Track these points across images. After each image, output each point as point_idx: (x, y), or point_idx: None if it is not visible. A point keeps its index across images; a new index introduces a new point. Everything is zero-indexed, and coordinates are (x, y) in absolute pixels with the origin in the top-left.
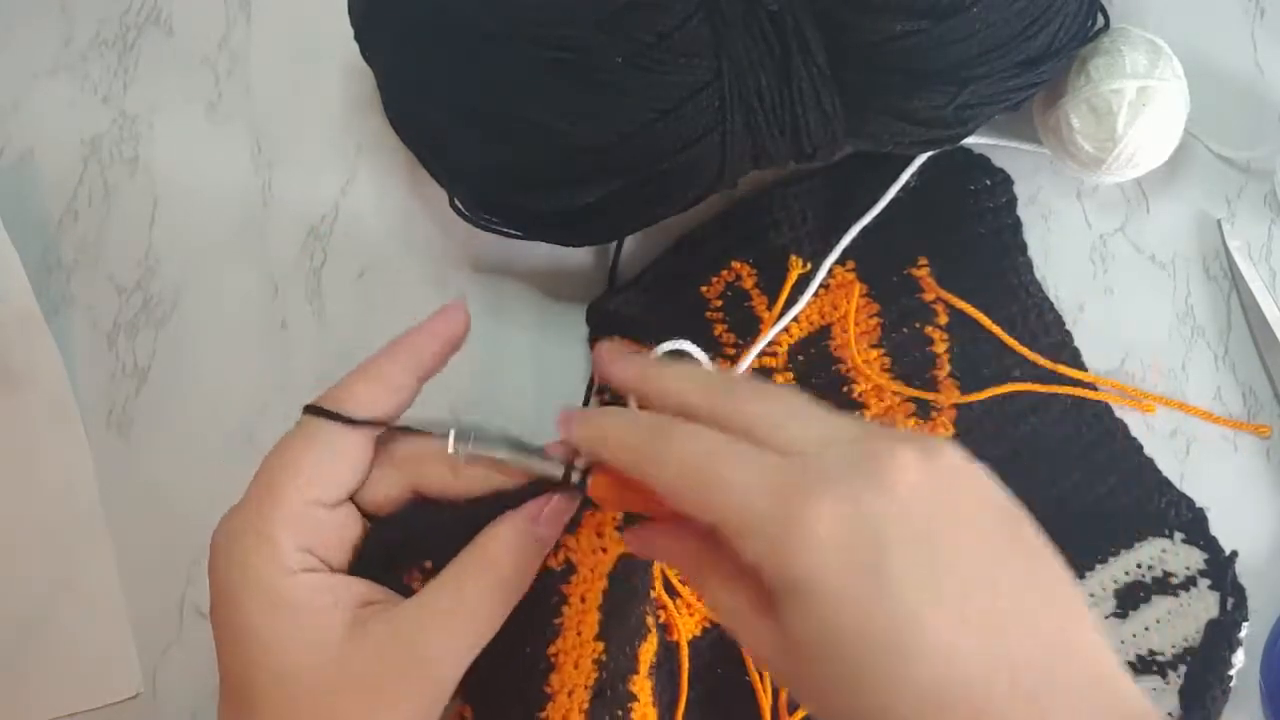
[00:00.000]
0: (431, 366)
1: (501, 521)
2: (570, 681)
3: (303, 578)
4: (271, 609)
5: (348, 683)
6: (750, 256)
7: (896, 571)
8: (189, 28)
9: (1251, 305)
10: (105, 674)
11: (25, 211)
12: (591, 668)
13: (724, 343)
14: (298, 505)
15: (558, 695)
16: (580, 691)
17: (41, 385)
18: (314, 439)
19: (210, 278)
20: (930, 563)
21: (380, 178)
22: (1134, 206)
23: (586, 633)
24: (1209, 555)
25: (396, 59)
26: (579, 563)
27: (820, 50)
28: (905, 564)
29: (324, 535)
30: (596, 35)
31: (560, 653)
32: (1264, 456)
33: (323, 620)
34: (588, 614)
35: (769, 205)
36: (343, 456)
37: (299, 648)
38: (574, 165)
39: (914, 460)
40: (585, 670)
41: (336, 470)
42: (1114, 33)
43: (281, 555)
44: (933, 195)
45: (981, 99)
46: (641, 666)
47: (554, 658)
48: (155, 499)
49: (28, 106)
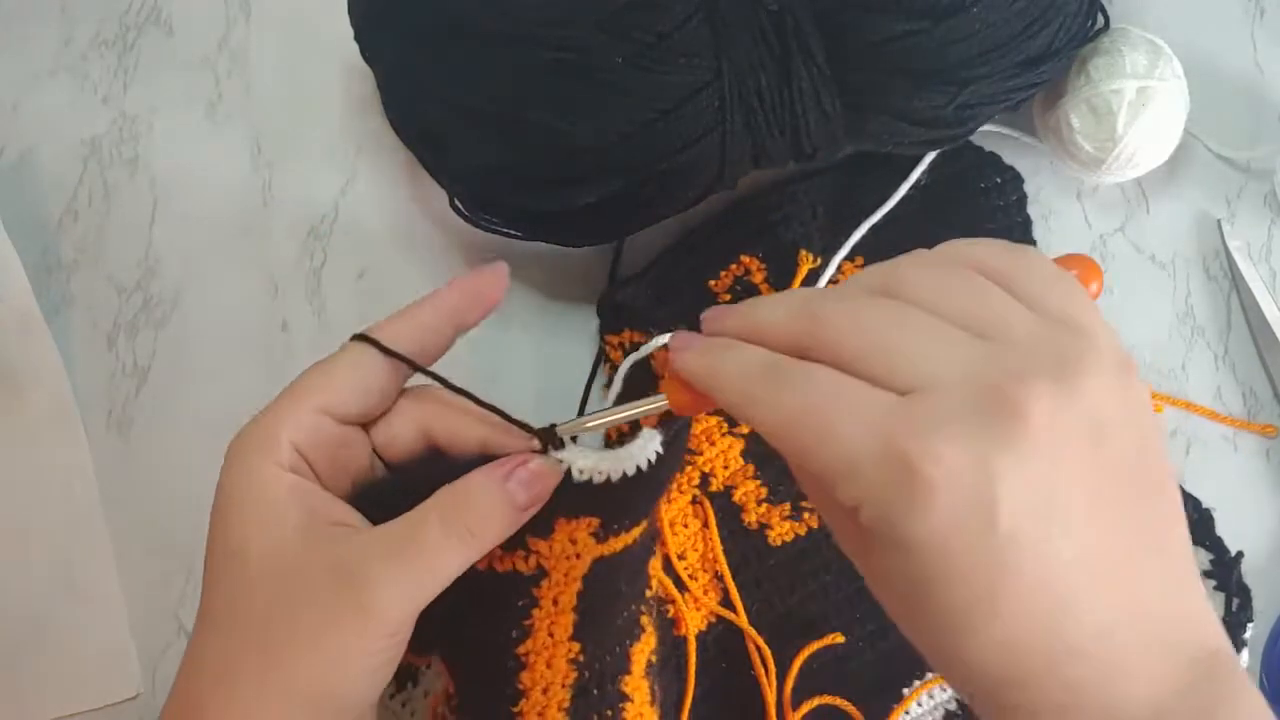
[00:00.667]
0: (468, 321)
1: (477, 472)
2: (543, 679)
3: (286, 476)
4: (248, 496)
5: (287, 590)
6: (760, 251)
7: (1006, 526)
8: (189, 28)
9: (1251, 305)
10: (105, 674)
11: (25, 211)
12: (568, 668)
13: None
14: (305, 408)
15: (531, 692)
16: (557, 690)
17: (41, 385)
18: (340, 358)
19: (210, 278)
20: (1046, 518)
21: (380, 178)
22: (1134, 206)
23: (560, 634)
24: (1214, 555)
25: (396, 59)
26: (551, 568)
27: (820, 50)
28: (1018, 519)
29: (322, 443)
30: (596, 35)
31: (530, 653)
32: (1264, 457)
33: (288, 519)
34: (560, 615)
35: (779, 200)
36: (364, 377)
37: (257, 535)
38: (574, 165)
39: (1048, 406)
40: (560, 669)
41: (353, 387)
42: (1114, 33)
43: (274, 448)
44: (943, 192)
45: (982, 99)
46: (635, 667)
47: (524, 657)
48: (155, 499)
49: (28, 106)
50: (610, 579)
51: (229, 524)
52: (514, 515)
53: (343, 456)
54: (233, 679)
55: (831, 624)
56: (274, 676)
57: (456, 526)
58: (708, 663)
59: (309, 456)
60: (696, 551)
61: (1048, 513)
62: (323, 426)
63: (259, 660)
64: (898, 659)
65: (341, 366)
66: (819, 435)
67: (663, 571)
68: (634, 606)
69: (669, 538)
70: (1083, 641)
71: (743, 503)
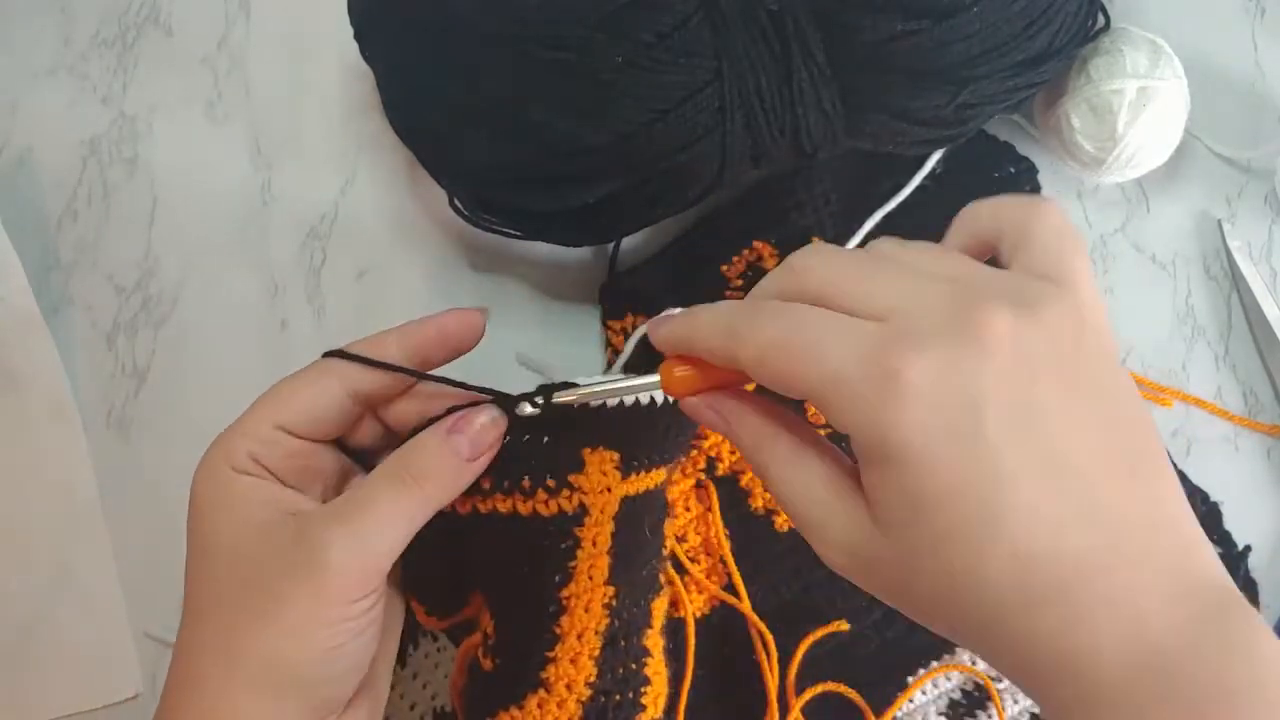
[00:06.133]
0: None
1: (425, 432)
2: (580, 624)
3: (244, 478)
4: (212, 498)
5: (247, 575)
6: (772, 237)
7: (992, 434)
8: (188, 28)
9: (1252, 305)
10: (105, 674)
11: (25, 211)
12: (602, 613)
13: None
14: (265, 424)
15: (567, 637)
16: (590, 636)
17: (41, 385)
18: (304, 378)
19: (210, 278)
20: (1026, 425)
21: (380, 178)
22: (1134, 206)
23: (598, 577)
24: (1222, 550)
25: (396, 59)
26: (590, 504)
27: (820, 50)
28: (1001, 426)
29: (281, 456)
30: (596, 35)
31: (572, 596)
32: (1264, 457)
33: (247, 511)
34: (599, 558)
35: (793, 186)
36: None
37: (222, 530)
38: (574, 165)
39: (1009, 319)
40: (596, 614)
41: (310, 408)
42: (1114, 33)
43: (232, 456)
44: (956, 181)
45: (982, 99)
46: (655, 621)
47: (566, 601)
48: (155, 499)
49: (27, 106)
50: (637, 521)
51: (198, 527)
52: (460, 465)
53: (310, 466)
54: (201, 673)
55: (837, 610)
56: (237, 662)
57: (402, 479)
58: (709, 647)
59: (269, 466)
60: (699, 535)
61: (1028, 421)
62: (280, 441)
63: (223, 647)
64: (903, 647)
65: (303, 387)
66: (806, 356)
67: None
68: (654, 561)
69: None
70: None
71: (750, 488)
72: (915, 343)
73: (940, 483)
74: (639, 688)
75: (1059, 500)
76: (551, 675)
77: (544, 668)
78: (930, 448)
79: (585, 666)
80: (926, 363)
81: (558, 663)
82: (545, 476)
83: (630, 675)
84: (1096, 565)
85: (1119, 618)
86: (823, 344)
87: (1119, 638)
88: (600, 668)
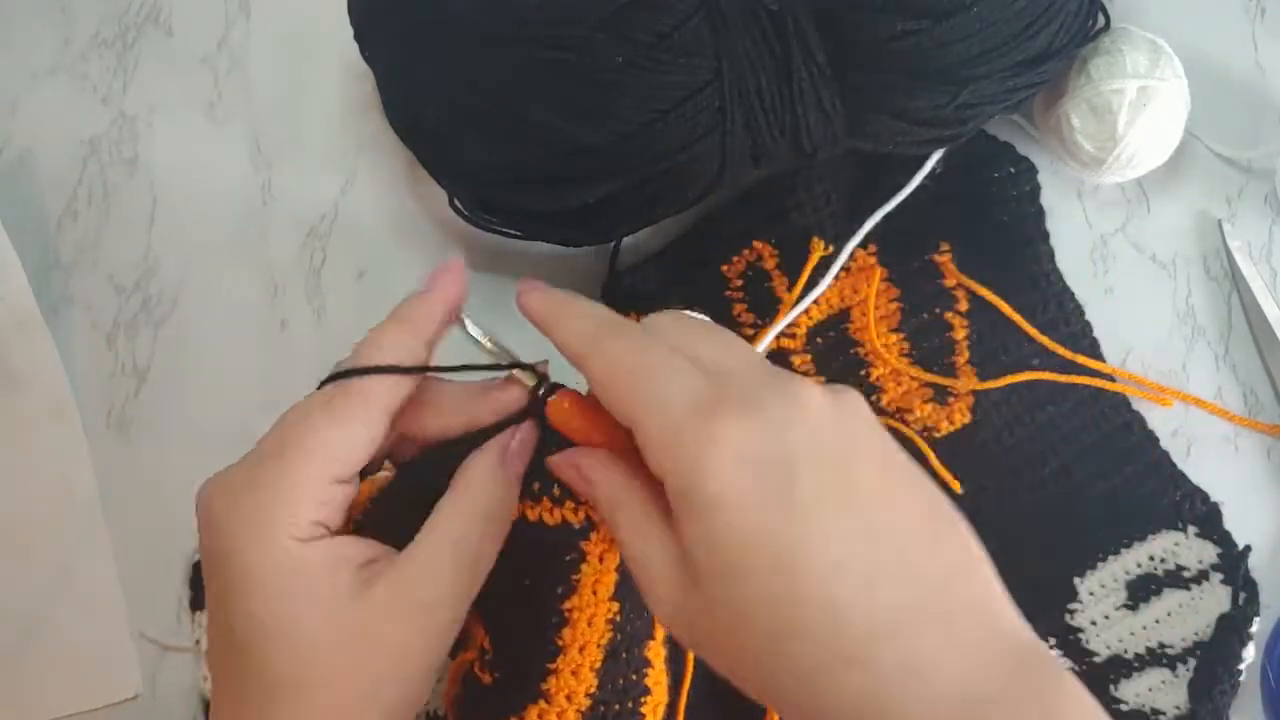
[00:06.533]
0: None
1: (475, 456)
2: (582, 637)
3: (314, 544)
4: (280, 568)
5: (360, 639)
6: (772, 237)
7: (803, 492)
8: (188, 28)
9: (1252, 305)
10: (105, 674)
11: (25, 211)
12: (605, 627)
13: (743, 322)
14: (321, 482)
15: (569, 649)
16: (593, 649)
17: (41, 385)
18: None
19: (210, 278)
20: (836, 486)
21: (380, 178)
22: (1134, 206)
23: (602, 592)
24: (1222, 550)
25: (396, 59)
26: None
27: (820, 50)
28: (812, 485)
29: (336, 507)
30: (596, 35)
31: (575, 609)
32: (1264, 457)
33: (332, 581)
34: (605, 574)
35: (793, 186)
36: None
37: (308, 605)
38: (574, 165)
39: (821, 393)
40: (599, 628)
41: (366, 447)
42: (1114, 32)
43: (298, 526)
44: (956, 182)
45: (982, 99)
46: (658, 632)
47: (568, 613)
48: (155, 499)
49: (27, 106)
50: None
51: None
52: (518, 485)
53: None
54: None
55: None
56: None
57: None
58: None
59: (325, 522)
60: None
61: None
62: (334, 492)
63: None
64: None
65: (349, 429)
66: (641, 388)
67: None
68: None
69: None
70: (901, 607)
71: None
72: (740, 403)
73: (749, 537)
74: (639, 698)
75: (869, 558)
76: (552, 687)
77: (545, 679)
78: (741, 500)
79: (586, 678)
80: (749, 421)
81: (559, 674)
82: (553, 484)
83: (630, 686)
84: (906, 622)
85: (928, 678)
86: (668, 383)
87: (927, 700)
88: (601, 679)
